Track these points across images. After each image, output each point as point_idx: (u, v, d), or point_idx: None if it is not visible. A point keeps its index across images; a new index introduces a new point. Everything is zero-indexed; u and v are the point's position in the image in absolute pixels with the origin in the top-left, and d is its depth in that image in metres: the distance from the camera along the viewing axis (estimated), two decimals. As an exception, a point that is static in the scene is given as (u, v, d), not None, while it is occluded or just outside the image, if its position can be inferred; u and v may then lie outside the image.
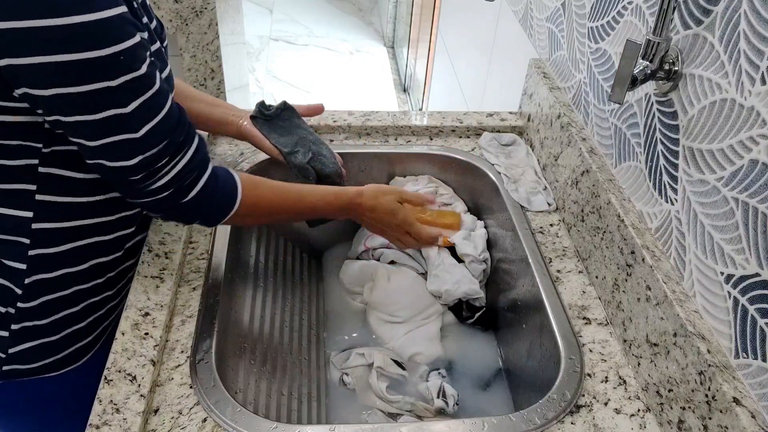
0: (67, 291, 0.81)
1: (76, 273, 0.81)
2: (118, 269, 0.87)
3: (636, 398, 0.79)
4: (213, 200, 0.79)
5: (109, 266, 0.85)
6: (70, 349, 0.85)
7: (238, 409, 0.74)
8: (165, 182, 0.72)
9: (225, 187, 0.80)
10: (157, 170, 0.71)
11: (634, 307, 0.82)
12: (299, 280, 1.17)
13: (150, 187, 0.72)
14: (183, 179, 0.74)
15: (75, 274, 0.81)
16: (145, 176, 0.71)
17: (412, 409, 0.97)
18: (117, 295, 0.89)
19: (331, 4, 4.65)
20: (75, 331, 0.84)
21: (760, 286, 0.63)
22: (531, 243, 1.01)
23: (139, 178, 0.70)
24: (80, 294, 0.83)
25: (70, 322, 0.83)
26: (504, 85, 1.54)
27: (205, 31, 1.85)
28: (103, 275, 0.85)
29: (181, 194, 0.75)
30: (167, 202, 0.75)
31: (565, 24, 1.11)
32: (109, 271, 0.86)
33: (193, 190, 0.76)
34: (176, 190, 0.74)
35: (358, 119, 1.22)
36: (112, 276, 0.86)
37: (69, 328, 0.83)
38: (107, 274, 0.85)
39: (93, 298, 0.85)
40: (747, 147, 0.64)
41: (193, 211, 0.78)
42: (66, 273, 0.80)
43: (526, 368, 0.97)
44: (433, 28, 2.73)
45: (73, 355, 0.86)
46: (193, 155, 0.75)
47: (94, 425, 0.69)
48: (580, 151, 0.98)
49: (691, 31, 0.73)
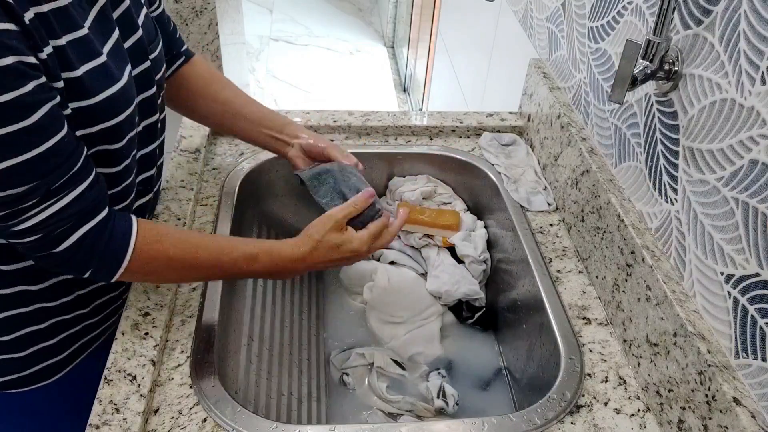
0: (28, 308, 0.78)
1: (36, 291, 0.78)
2: (89, 288, 0.83)
3: (636, 398, 0.79)
4: (93, 253, 0.69)
5: (76, 284, 0.81)
6: (38, 366, 0.83)
7: (238, 409, 0.74)
8: (29, 226, 0.64)
9: (114, 239, 0.70)
10: (20, 212, 0.63)
11: (634, 307, 0.82)
12: (299, 280, 1.17)
13: (13, 229, 0.64)
14: (53, 227, 0.66)
15: (36, 292, 0.78)
16: (6, 216, 0.63)
17: (412, 409, 0.97)
18: (96, 313, 0.86)
19: (331, 4, 4.65)
20: (43, 349, 0.82)
21: (760, 286, 0.63)
22: (531, 243, 1.01)
23: (1, 216, 0.63)
24: (45, 312, 0.80)
25: (36, 340, 0.81)
26: (504, 85, 1.54)
27: (205, 31, 1.86)
28: (70, 293, 0.81)
29: (51, 243, 0.67)
30: (35, 248, 0.67)
31: (565, 24, 1.11)
32: (78, 289, 0.82)
33: (67, 241, 0.67)
34: (44, 237, 0.66)
35: (358, 119, 1.23)
36: (83, 294, 0.83)
37: (35, 346, 0.81)
38: (76, 292, 0.82)
39: (62, 316, 0.82)
40: (747, 147, 0.64)
41: (70, 263, 0.69)
42: (24, 290, 0.77)
43: (526, 368, 0.97)
44: (433, 28, 2.73)
45: (42, 373, 0.83)
46: (72, 202, 0.66)
47: (94, 425, 0.69)
48: (580, 151, 0.98)
49: (691, 31, 0.73)
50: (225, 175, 1.10)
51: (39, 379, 0.84)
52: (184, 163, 1.08)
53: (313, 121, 1.21)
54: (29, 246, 0.67)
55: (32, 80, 0.58)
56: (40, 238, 0.66)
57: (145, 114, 0.81)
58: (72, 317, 0.83)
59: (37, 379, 0.84)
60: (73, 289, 0.81)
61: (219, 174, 1.10)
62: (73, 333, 0.84)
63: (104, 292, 0.86)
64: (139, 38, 0.77)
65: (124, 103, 0.71)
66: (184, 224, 0.95)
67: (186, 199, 1.00)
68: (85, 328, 0.86)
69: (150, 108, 0.82)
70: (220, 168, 1.12)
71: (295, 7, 4.52)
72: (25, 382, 0.83)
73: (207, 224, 0.99)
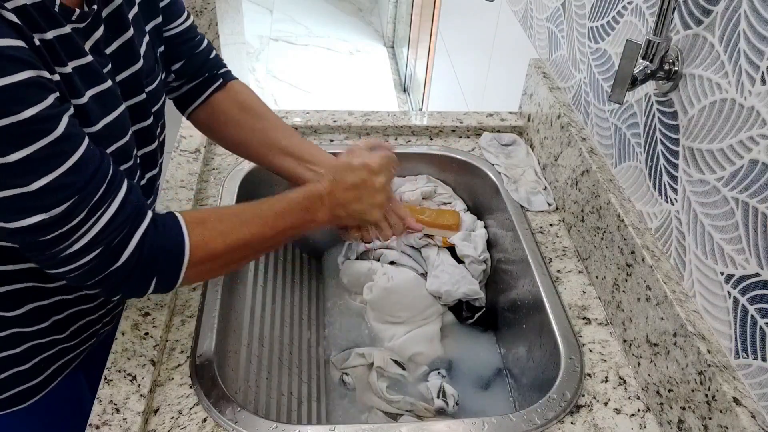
0: (3, 333, 0.75)
1: (12, 317, 0.75)
2: (65, 313, 0.79)
3: (636, 398, 0.79)
4: (156, 257, 0.66)
5: (53, 309, 0.78)
6: (13, 391, 0.80)
7: (238, 409, 0.74)
8: (84, 244, 0.61)
9: (167, 234, 0.67)
10: (70, 231, 0.59)
11: (634, 307, 0.82)
12: (299, 280, 1.17)
13: (65, 252, 0.60)
14: (110, 237, 0.62)
15: (11, 318, 0.75)
16: (56, 238, 0.59)
17: (412, 409, 0.97)
18: (72, 338, 0.83)
19: (331, 4, 4.65)
20: (17, 373, 0.79)
21: (760, 286, 0.63)
22: (531, 243, 1.01)
23: (49, 240, 0.59)
24: (21, 336, 0.77)
25: (10, 364, 0.78)
26: (504, 85, 1.54)
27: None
28: (46, 319, 0.78)
29: (111, 256, 0.63)
30: (94, 271, 0.63)
31: (565, 24, 1.11)
32: (55, 314, 0.78)
33: (127, 249, 0.63)
34: (104, 250, 0.62)
35: (358, 119, 1.23)
36: (59, 319, 0.79)
37: (10, 370, 0.78)
38: (52, 317, 0.78)
39: (37, 340, 0.78)
40: (747, 147, 0.64)
41: (131, 276, 0.65)
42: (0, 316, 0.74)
43: (526, 368, 0.97)
44: (433, 28, 2.73)
45: (16, 398, 0.80)
46: (120, 207, 0.63)
47: (94, 425, 0.69)
48: (580, 151, 0.98)
49: (691, 31, 0.73)
50: (225, 175, 1.10)
51: (11, 404, 0.81)
52: (184, 163, 1.08)
53: (313, 121, 1.21)
54: (86, 268, 0.62)
55: (51, 93, 0.57)
56: (100, 254, 0.62)
57: (141, 144, 0.79)
58: (47, 341, 0.80)
59: (8, 404, 0.81)
60: (48, 316, 0.78)
61: (219, 174, 1.10)
62: (49, 356, 0.81)
63: (82, 316, 0.82)
64: (138, 70, 0.74)
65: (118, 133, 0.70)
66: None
67: (186, 199, 1.00)
68: (60, 351, 0.82)
69: (147, 137, 0.80)
70: (220, 168, 1.12)
71: (295, 7, 4.52)
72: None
73: (207, 224, 0.99)
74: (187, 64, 0.89)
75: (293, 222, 0.78)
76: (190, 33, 0.89)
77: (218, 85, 0.93)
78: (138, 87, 0.76)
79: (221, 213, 0.76)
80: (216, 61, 0.94)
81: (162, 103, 0.84)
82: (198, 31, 0.91)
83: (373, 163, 0.83)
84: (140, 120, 0.78)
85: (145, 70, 0.76)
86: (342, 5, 4.64)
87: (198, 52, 0.90)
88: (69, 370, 0.85)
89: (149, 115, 0.79)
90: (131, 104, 0.75)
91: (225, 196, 1.05)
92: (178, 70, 0.89)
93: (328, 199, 0.80)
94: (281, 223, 0.77)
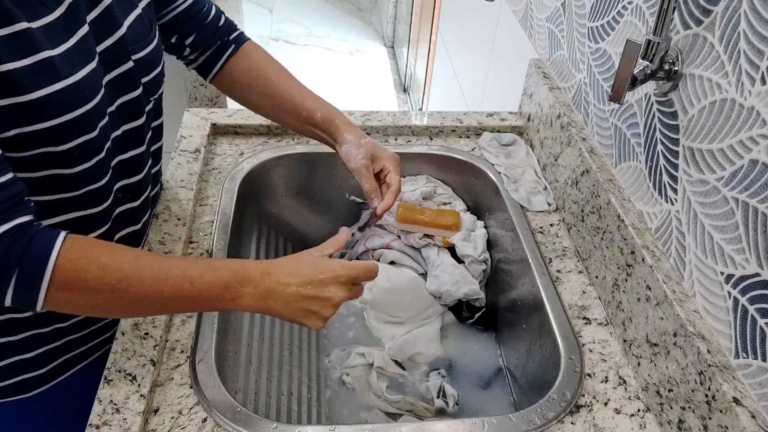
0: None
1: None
2: None
3: (636, 398, 0.79)
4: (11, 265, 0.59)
5: None
6: (15, 380, 0.80)
7: (238, 409, 0.74)
8: None
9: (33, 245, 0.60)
10: None
11: (634, 307, 0.82)
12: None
13: None
14: None
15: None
16: None
17: (412, 409, 0.97)
18: (77, 329, 0.81)
19: (331, 4, 4.64)
20: (19, 362, 0.79)
21: (760, 286, 0.63)
22: (531, 243, 1.01)
23: None
24: (16, 323, 0.76)
25: (10, 351, 0.78)
26: (504, 85, 1.54)
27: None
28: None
29: None
30: None
31: (565, 24, 1.11)
32: None
33: None
34: None
35: (358, 119, 1.23)
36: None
37: (10, 358, 0.78)
38: None
39: (35, 329, 0.77)
40: (747, 147, 0.64)
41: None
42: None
43: (526, 368, 0.97)
44: (433, 28, 2.73)
45: (20, 386, 0.80)
46: None
47: (94, 425, 0.69)
48: (580, 151, 0.98)
49: (691, 31, 0.73)
50: (225, 175, 1.10)
51: (14, 392, 0.81)
52: (184, 163, 1.07)
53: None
54: None
55: None
56: None
57: (127, 118, 0.77)
58: (49, 331, 0.79)
59: (11, 392, 0.80)
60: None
61: (219, 174, 1.10)
62: (55, 348, 0.80)
63: None
64: (120, 38, 0.72)
65: (72, 102, 0.65)
66: (184, 224, 0.95)
67: (186, 199, 1.00)
68: (67, 344, 0.82)
69: (133, 112, 0.78)
70: (220, 168, 1.12)
71: (295, 7, 4.52)
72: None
73: (207, 224, 0.99)
74: (198, 37, 0.91)
75: (203, 292, 0.66)
76: (196, 6, 0.90)
77: (231, 51, 0.94)
78: (123, 55, 0.73)
79: (116, 248, 0.65)
80: (226, 28, 0.95)
81: (156, 76, 0.81)
82: (204, 1, 0.92)
83: (343, 274, 0.71)
84: (126, 91, 0.75)
85: (129, 39, 0.74)
86: (342, 5, 4.64)
87: (207, 23, 0.92)
88: (83, 364, 0.85)
89: (137, 85, 0.77)
90: (117, 74, 0.73)
91: (225, 196, 1.05)
92: (191, 43, 0.91)
93: (261, 285, 0.68)
94: (186, 289, 0.65)
